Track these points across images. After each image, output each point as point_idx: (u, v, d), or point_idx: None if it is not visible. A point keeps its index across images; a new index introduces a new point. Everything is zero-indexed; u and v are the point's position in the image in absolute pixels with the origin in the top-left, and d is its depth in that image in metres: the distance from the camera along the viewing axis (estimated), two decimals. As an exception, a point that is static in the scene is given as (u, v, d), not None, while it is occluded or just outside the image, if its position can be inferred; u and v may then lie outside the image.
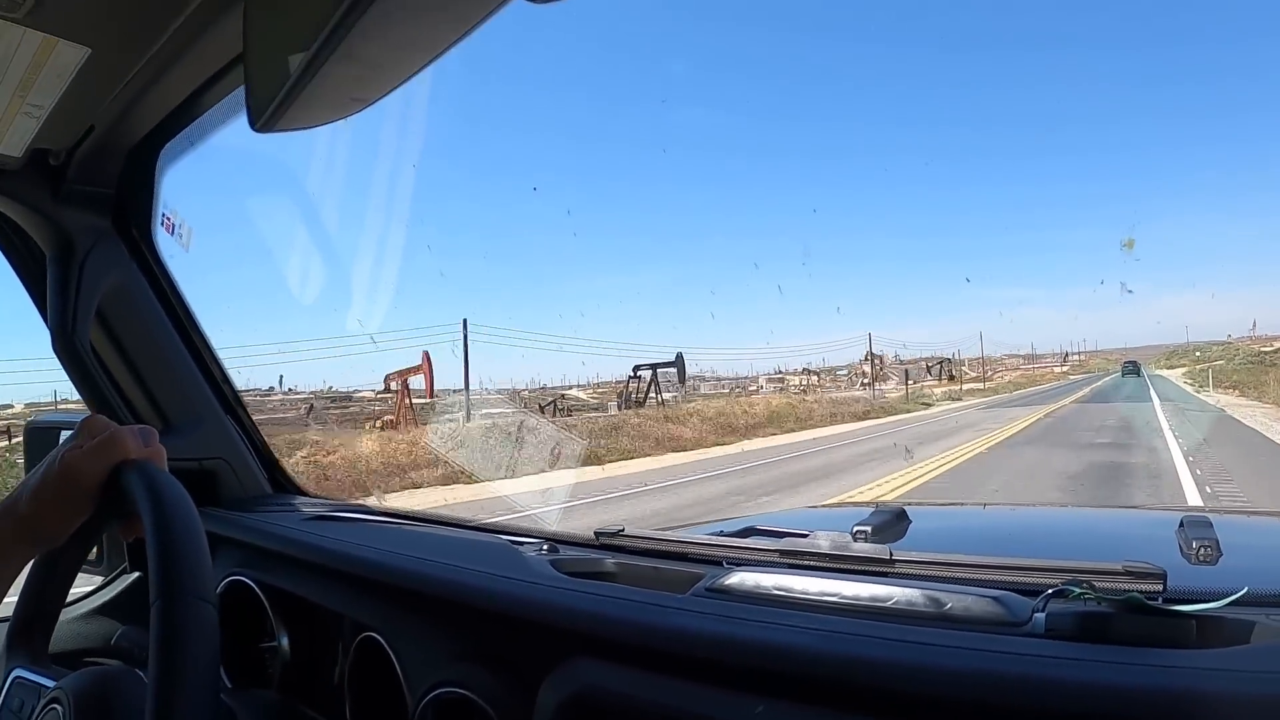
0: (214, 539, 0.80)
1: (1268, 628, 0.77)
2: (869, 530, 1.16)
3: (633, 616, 0.90)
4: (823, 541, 1.10)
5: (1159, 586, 0.86)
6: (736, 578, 0.97)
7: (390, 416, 25.65)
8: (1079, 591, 0.84)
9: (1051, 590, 0.85)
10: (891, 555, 1.04)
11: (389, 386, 28.64)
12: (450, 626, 1.10)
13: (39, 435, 1.79)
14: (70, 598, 1.11)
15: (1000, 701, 0.67)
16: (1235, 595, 0.82)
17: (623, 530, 1.28)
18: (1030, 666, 0.69)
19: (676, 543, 1.22)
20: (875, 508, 1.38)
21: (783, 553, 1.12)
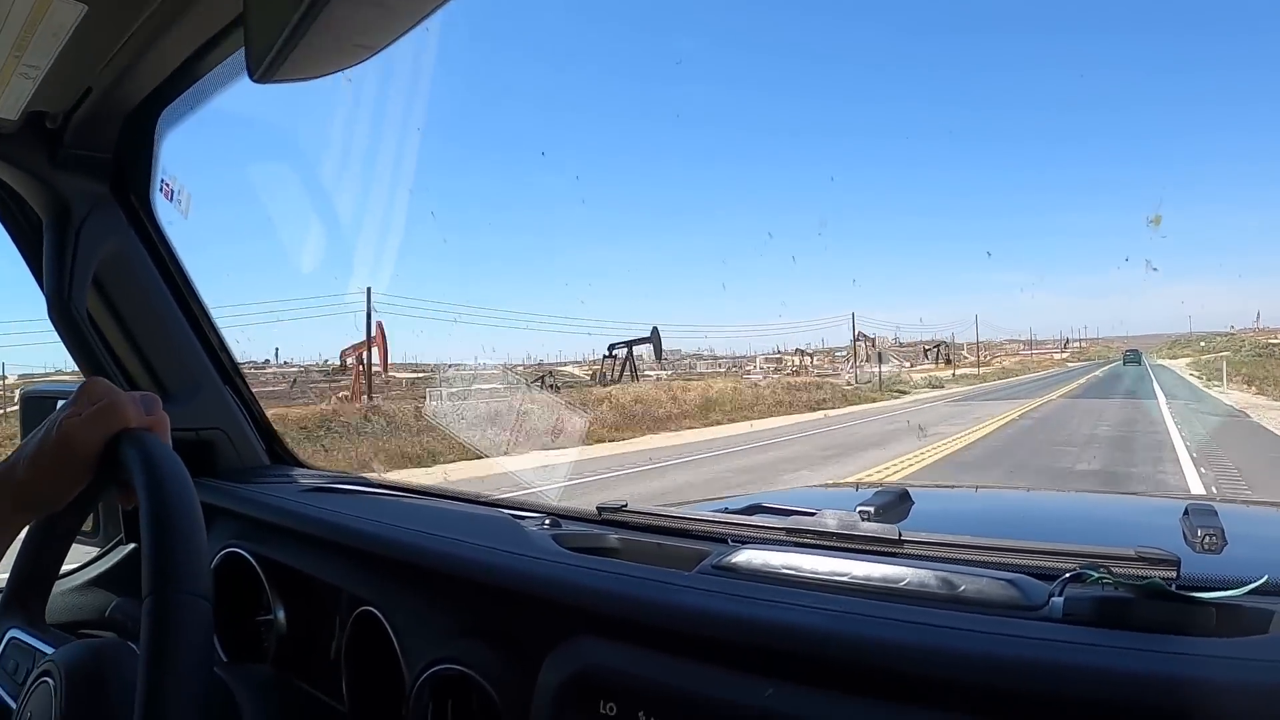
0: (210, 510, 0.78)
1: None
2: (873, 510, 1.15)
3: (638, 593, 0.88)
4: (830, 520, 1.09)
5: (1173, 573, 0.84)
6: (744, 556, 0.95)
7: (345, 393, 24.44)
8: (1097, 576, 0.82)
9: (1069, 574, 0.83)
10: (900, 535, 1.02)
11: (344, 363, 27.22)
12: (449, 601, 1.08)
13: (35, 404, 1.77)
14: (65, 569, 1.09)
15: (1018, 686, 0.65)
16: (1255, 583, 0.80)
17: (625, 505, 1.27)
18: (1049, 651, 0.67)
19: (680, 519, 1.21)
20: (880, 488, 1.37)
21: (789, 531, 1.10)
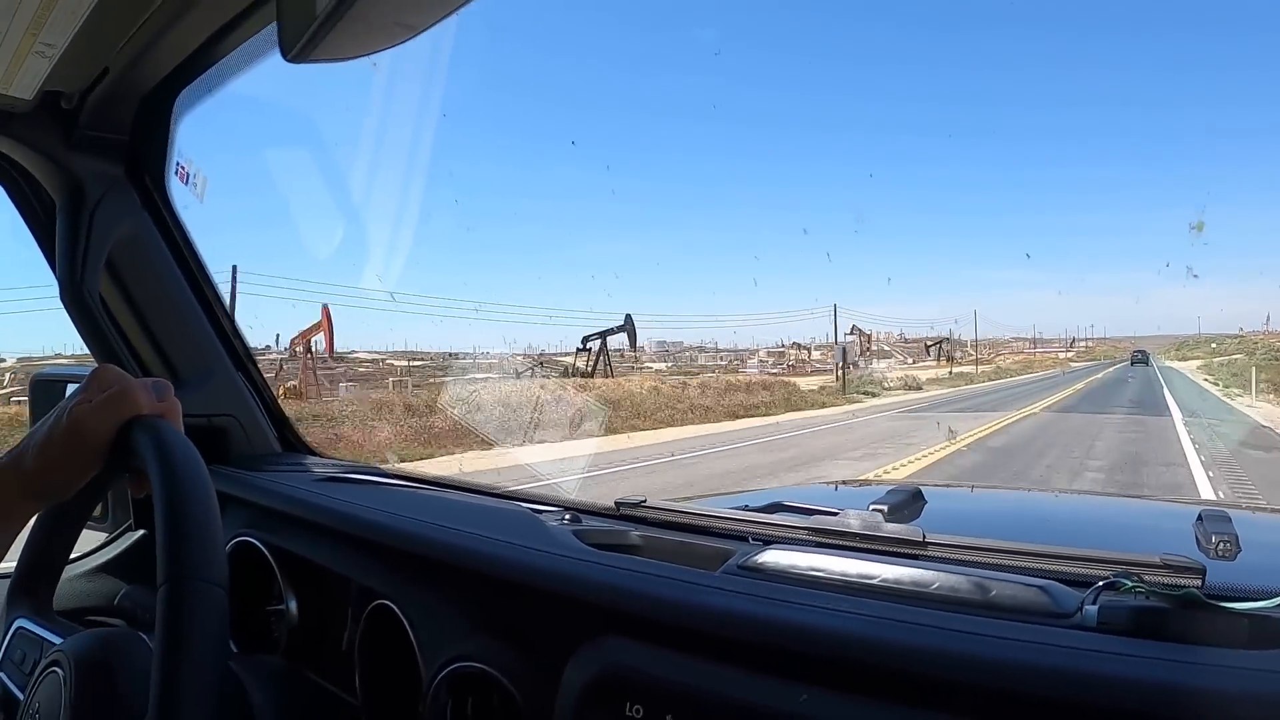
0: (222, 498, 0.76)
1: None
2: (887, 509, 1.13)
3: (664, 593, 0.86)
4: (853, 520, 1.07)
5: (1198, 581, 0.82)
6: (769, 556, 0.93)
7: (294, 382, 23.53)
8: (1130, 585, 0.80)
9: (1102, 582, 0.81)
10: (924, 537, 1.00)
11: (294, 351, 25.69)
12: (469, 597, 1.06)
13: (45, 388, 1.76)
14: (74, 554, 1.08)
15: (1056, 696, 0.64)
16: None
17: (644, 501, 1.25)
18: (1087, 661, 0.66)
19: (702, 516, 1.18)
20: (894, 486, 1.35)
21: (811, 530, 1.08)
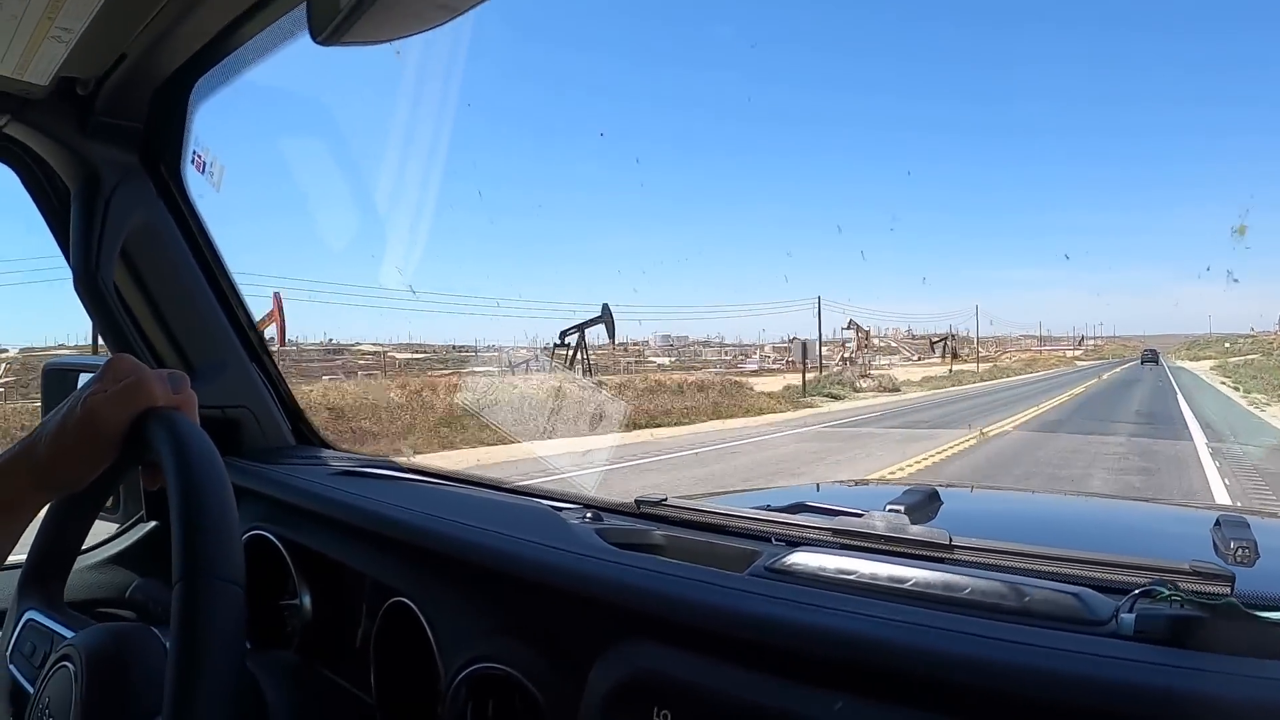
0: (236, 491, 0.75)
1: None
2: (903, 508, 1.11)
3: (693, 596, 0.84)
4: (878, 522, 1.05)
5: (1227, 589, 0.80)
6: (797, 558, 0.91)
7: None
8: (1167, 593, 0.78)
9: (1139, 590, 0.79)
10: (951, 540, 0.98)
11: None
12: (490, 597, 1.04)
13: (57, 377, 1.75)
14: (84, 545, 1.07)
15: (1096, 707, 0.62)
16: None
17: (665, 500, 1.23)
18: (1127, 672, 0.63)
19: (724, 515, 1.16)
20: (909, 486, 1.33)
21: (835, 532, 1.06)
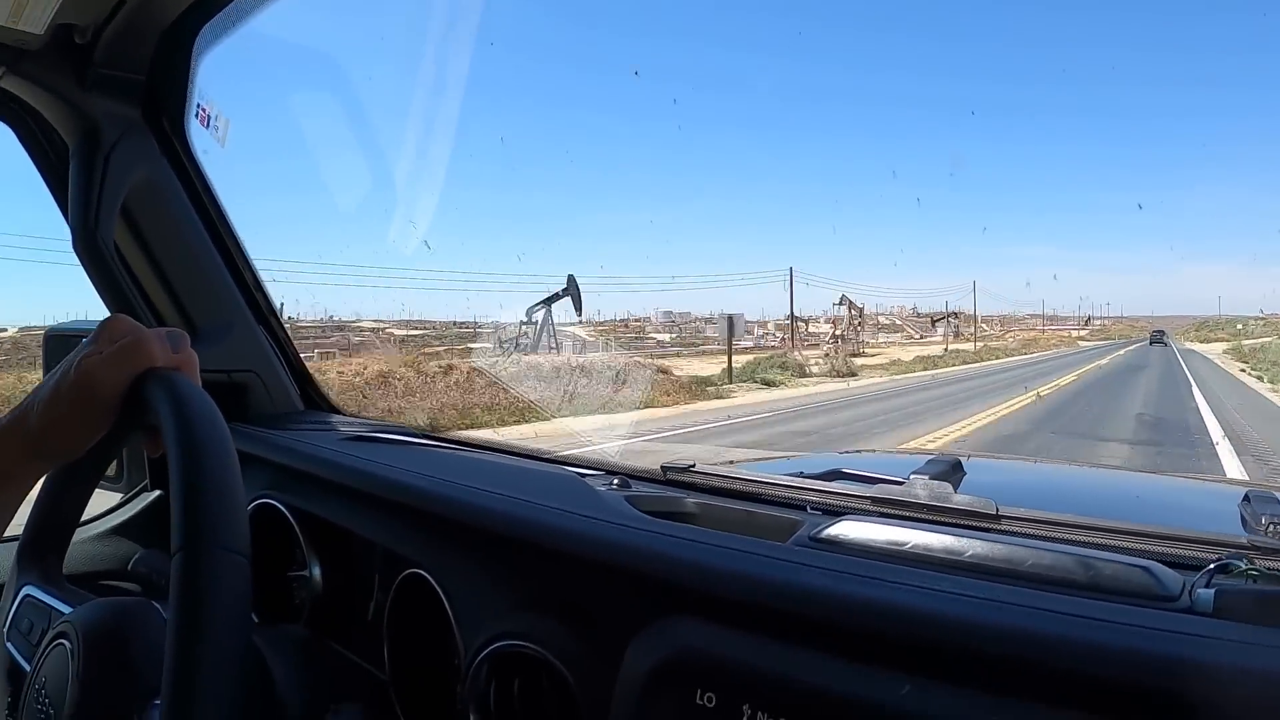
0: (242, 458, 0.70)
1: None
2: (929, 475, 1.06)
3: (736, 567, 0.78)
4: (920, 490, 1.00)
5: None
6: (843, 528, 0.86)
7: None
8: (1244, 567, 0.73)
9: (1214, 564, 0.74)
10: (998, 510, 0.93)
11: None
12: (514, 568, 0.98)
13: (60, 344, 1.70)
14: (86, 515, 1.02)
15: (1183, 690, 0.56)
16: None
17: (693, 466, 1.18)
18: (1219, 652, 0.58)
19: (757, 482, 1.11)
20: (932, 456, 1.28)
21: (875, 500, 1.01)
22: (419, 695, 1.10)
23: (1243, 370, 23.16)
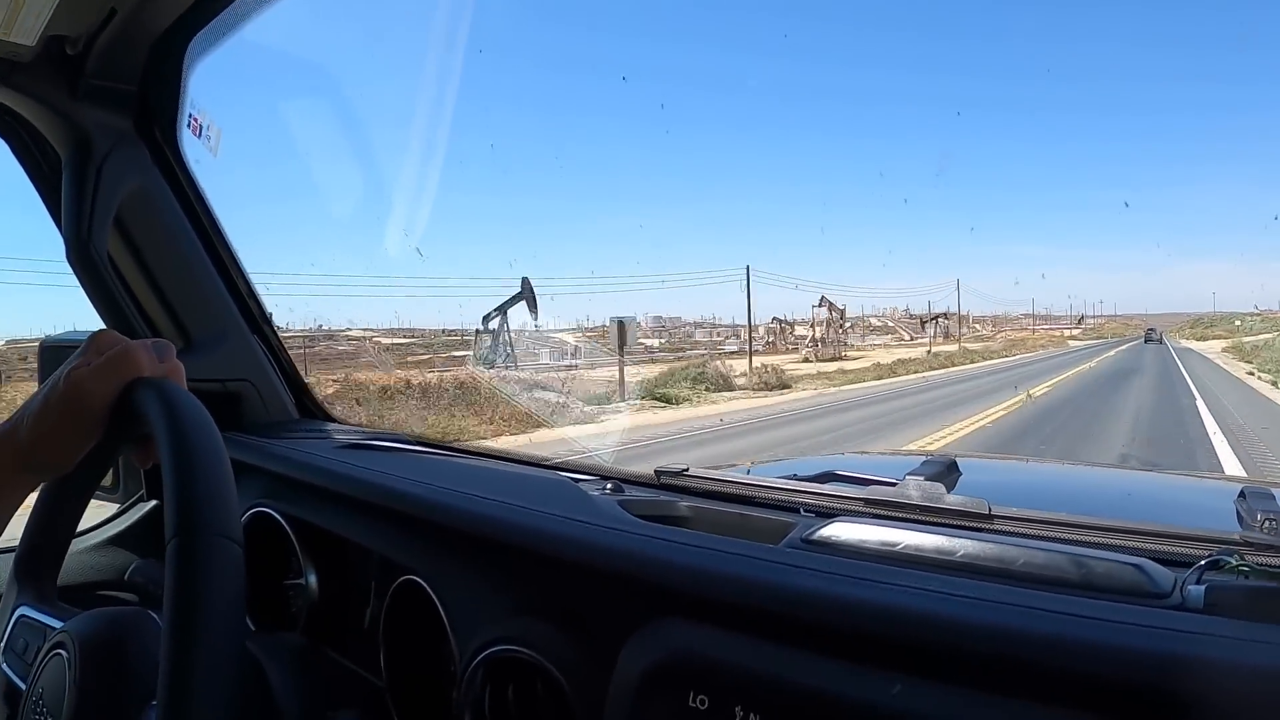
0: (237, 466, 0.71)
1: None
2: (923, 479, 1.06)
3: (729, 570, 0.78)
4: (913, 491, 1.00)
5: (1277, 560, 0.76)
6: (835, 529, 0.86)
7: None
8: (1235, 563, 0.74)
9: (1205, 560, 0.74)
10: (990, 510, 0.93)
11: None
12: (509, 574, 0.98)
13: (54, 355, 1.70)
14: (83, 525, 1.02)
15: (1177, 687, 0.57)
16: None
17: (687, 470, 1.18)
18: (1211, 648, 0.58)
19: (750, 485, 1.12)
20: (926, 458, 1.28)
21: (868, 501, 1.01)
22: (415, 701, 1.10)
23: (1251, 373, 20.55)
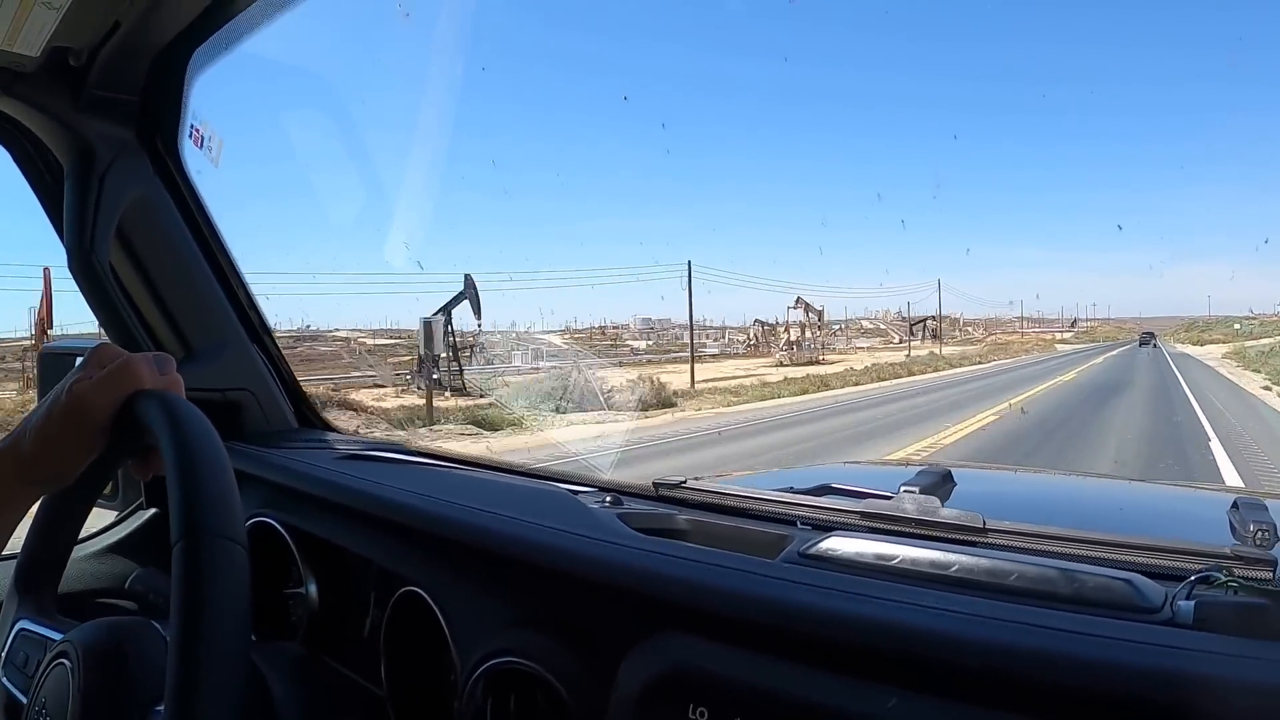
0: (237, 476, 0.72)
1: None
2: (918, 490, 1.07)
3: (727, 584, 0.79)
4: (908, 504, 1.01)
5: (1269, 574, 0.78)
6: (833, 543, 0.87)
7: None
8: (1224, 579, 0.75)
9: (1195, 576, 0.75)
10: (985, 524, 0.94)
11: (41, 329, 17.79)
12: (509, 586, 0.99)
13: (54, 362, 1.71)
14: (83, 534, 1.03)
15: (1167, 703, 0.58)
16: None
17: (684, 482, 1.19)
18: (1200, 664, 0.60)
19: (747, 498, 1.13)
20: (922, 467, 1.29)
21: (864, 515, 1.02)
22: (416, 712, 1.10)
23: (1268, 387, 16.99)
